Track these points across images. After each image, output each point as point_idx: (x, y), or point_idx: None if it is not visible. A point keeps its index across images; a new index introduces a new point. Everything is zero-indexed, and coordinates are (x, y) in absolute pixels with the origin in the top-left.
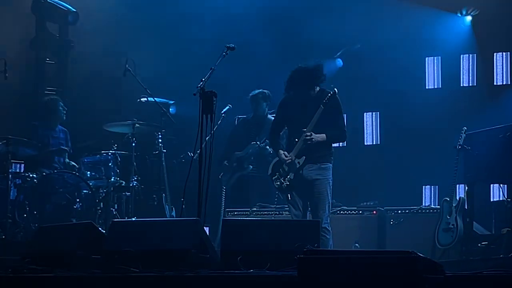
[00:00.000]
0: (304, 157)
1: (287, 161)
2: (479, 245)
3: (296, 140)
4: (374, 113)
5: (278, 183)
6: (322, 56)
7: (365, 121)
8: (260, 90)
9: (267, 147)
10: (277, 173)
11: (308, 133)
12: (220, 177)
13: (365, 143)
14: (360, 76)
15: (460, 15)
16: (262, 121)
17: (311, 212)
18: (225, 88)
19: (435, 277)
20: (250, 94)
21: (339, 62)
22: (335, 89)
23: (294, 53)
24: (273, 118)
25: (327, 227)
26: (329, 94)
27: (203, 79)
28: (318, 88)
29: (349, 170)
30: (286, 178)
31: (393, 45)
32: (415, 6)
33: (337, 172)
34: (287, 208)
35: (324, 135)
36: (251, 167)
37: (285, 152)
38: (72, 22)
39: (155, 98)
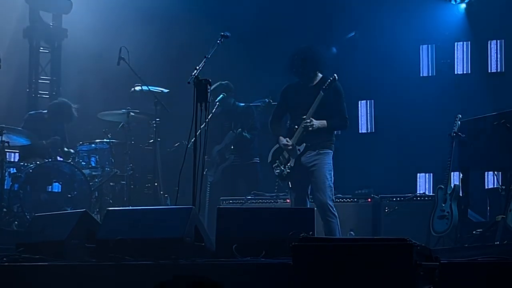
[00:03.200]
0: (304, 144)
1: (288, 147)
2: (473, 232)
3: (296, 127)
4: (368, 101)
5: (278, 170)
6: (316, 43)
7: (359, 109)
8: (218, 83)
9: (243, 133)
10: (277, 161)
11: (308, 120)
12: (204, 173)
13: (360, 131)
14: (354, 64)
15: (454, 3)
16: (232, 111)
17: (313, 198)
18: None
19: (430, 264)
20: (210, 89)
21: (334, 50)
22: (335, 75)
23: (287, 40)
24: (241, 105)
25: (332, 210)
26: (329, 80)
27: (198, 68)
28: (320, 75)
29: (344, 158)
30: (287, 166)
31: (387, 33)
32: None
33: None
34: (282, 196)
35: (324, 121)
36: (233, 156)
37: (287, 139)
38: (65, 10)
39: (149, 87)
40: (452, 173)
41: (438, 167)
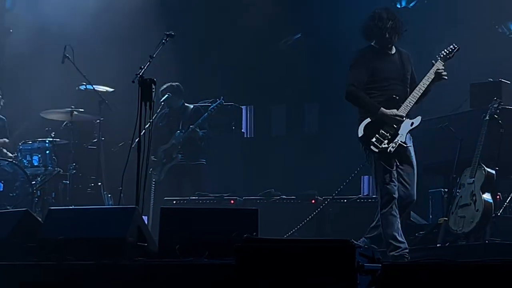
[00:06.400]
0: (420, 117)
1: (398, 120)
2: (416, 234)
3: (397, 97)
4: (314, 103)
5: (385, 146)
6: (266, 45)
7: (305, 111)
8: (169, 84)
9: (197, 129)
10: (376, 135)
11: (441, 68)
12: (149, 172)
13: (305, 133)
14: (300, 66)
15: (399, 6)
16: (181, 112)
17: (404, 184)
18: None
19: (372, 266)
20: (160, 90)
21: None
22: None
23: (234, 41)
24: (191, 106)
25: None
26: (456, 49)
27: (142, 67)
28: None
29: (289, 159)
30: (396, 140)
31: (334, 35)
32: None
33: (276, 161)
34: (227, 197)
35: None
36: (180, 156)
37: (393, 110)
38: (10, 8)
39: (94, 86)
40: None
41: None
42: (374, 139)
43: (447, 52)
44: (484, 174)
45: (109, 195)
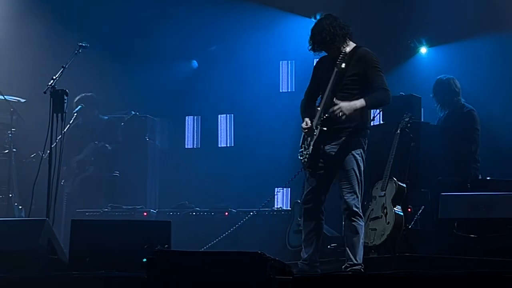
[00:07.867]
0: (319, 127)
1: (305, 131)
2: (328, 247)
3: (319, 108)
4: (228, 115)
5: (301, 157)
6: (177, 58)
7: (219, 123)
8: (83, 94)
9: (105, 145)
10: (303, 145)
11: (336, 107)
12: (62, 183)
13: (219, 145)
14: (215, 78)
15: (314, 19)
16: (95, 123)
17: (340, 197)
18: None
19: (283, 278)
20: (74, 100)
21: (194, 63)
22: (366, 48)
23: (151, 53)
24: (105, 117)
25: (359, 212)
26: (343, 53)
27: (54, 77)
28: (353, 44)
29: (203, 171)
30: (306, 152)
31: (248, 48)
32: (270, 10)
33: (190, 173)
34: (140, 209)
35: (362, 100)
36: (92, 168)
37: (307, 120)
38: None
39: (5, 96)
40: None
41: (295, 182)
42: (300, 150)
43: (341, 57)
44: (395, 187)
45: (20, 207)
